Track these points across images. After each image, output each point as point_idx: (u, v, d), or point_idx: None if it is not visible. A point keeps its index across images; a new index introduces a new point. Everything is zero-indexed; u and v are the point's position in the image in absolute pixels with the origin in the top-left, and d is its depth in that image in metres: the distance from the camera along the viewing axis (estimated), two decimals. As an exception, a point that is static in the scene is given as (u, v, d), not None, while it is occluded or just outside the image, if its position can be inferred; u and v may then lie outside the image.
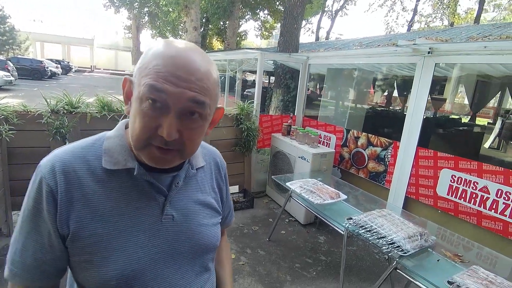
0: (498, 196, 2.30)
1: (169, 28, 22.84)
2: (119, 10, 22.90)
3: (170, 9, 15.29)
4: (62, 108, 2.77)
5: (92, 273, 0.58)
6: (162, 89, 0.51)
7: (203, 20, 18.15)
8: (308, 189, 2.60)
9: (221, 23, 19.23)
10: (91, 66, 34.50)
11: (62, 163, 0.58)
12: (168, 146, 0.55)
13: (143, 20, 29.55)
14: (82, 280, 0.61)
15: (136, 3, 23.29)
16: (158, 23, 24.29)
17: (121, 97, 2.64)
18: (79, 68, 29.96)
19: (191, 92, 0.53)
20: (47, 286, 0.63)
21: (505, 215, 2.26)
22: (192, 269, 0.68)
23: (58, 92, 2.95)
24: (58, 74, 21.72)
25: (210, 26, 19.66)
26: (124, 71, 36.02)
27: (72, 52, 36.41)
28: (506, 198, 2.26)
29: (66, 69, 25.08)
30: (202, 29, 18.04)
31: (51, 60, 23.12)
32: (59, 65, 22.37)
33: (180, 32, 23.21)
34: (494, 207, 2.33)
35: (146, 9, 25.10)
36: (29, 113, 2.65)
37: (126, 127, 0.66)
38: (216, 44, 23.61)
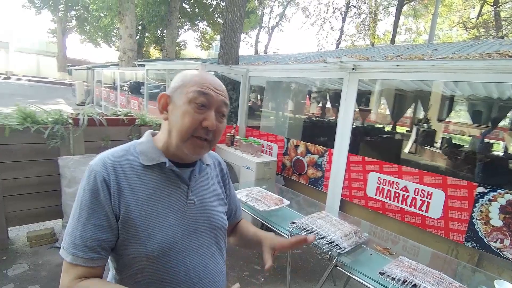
0: (416, 194, 2.66)
1: (100, 34, 21.39)
2: (41, 11, 20.68)
3: (102, 14, 14.37)
4: (-28, 120, 2.41)
5: (139, 247, 0.73)
6: (207, 93, 0.75)
7: (139, 28, 17.41)
8: (254, 197, 2.66)
9: (159, 31, 18.67)
10: (6, 72, 30.32)
11: (111, 160, 0.75)
12: (206, 137, 0.76)
13: (69, 24, 27.16)
14: (125, 254, 0.75)
15: (61, 6, 21.35)
16: (88, 28, 22.56)
17: (46, 107, 2.41)
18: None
19: (222, 97, 0.78)
20: (101, 264, 0.75)
21: (422, 210, 2.62)
22: (209, 245, 0.86)
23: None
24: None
25: (147, 34, 18.93)
26: (47, 78, 32.39)
27: (-20, 56, 31.56)
28: (422, 195, 2.62)
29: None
30: (138, 36, 17.26)
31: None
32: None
33: (114, 39, 21.89)
34: (413, 203, 2.68)
35: (73, 12, 23.17)
36: None
37: (153, 135, 0.86)
38: (154, 52, 22.81)
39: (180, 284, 0.78)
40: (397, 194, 2.79)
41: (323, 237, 2.04)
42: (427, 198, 2.59)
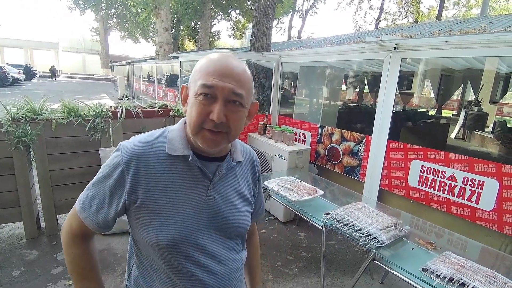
0: (465, 183, 2.42)
1: (138, 29, 22.20)
2: (85, 11, 21.89)
3: (139, 10, 14.87)
4: (23, 115, 2.61)
5: (150, 234, 0.75)
6: (211, 85, 0.70)
7: (174, 21, 17.77)
8: (286, 187, 2.61)
9: (193, 23, 18.89)
10: (57, 70, 32.91)
11: (137, 148, 0.77)
12: (218, 129, 0.71)
13: (111, 21, 28.54)
14: (140, 238, 0.78)
15: (102, 5, 22.44)
16: (127, 25, 23.53)
17: (88, 102, 2.52)
18: (43, 74, 28.41)
19: (231, 85, 0.71)
20: (92, 231, 0.82)
21: (472, 201, 2.39)
22: (224, 244, 0.83)
23: (20, 99, 2.78)
24: (21, 80, 20.53)
25: (181, 26, 19.27)
26: (93, 75, 34.62)
27: (35, 57, 34.52)
28: (472, 185, 2.38)
29: (31, 74, 23.78)
30: (173, 30, 17.65)
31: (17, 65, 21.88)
32: (21, 71, 21.11)
33: (151, 33, 22.62)
34: (461, 194, 2.45)
35: (113, 10, 24.24)
36: (-13, 122, 2.47)
37: (185, 122, 0.83)
38: (189, 45, 23.23)
39: (191, 277, 0.78)
40: (442, 184, 2.56)
41: (359, 230, 1.94)
42: (477, 188, 2.35)
